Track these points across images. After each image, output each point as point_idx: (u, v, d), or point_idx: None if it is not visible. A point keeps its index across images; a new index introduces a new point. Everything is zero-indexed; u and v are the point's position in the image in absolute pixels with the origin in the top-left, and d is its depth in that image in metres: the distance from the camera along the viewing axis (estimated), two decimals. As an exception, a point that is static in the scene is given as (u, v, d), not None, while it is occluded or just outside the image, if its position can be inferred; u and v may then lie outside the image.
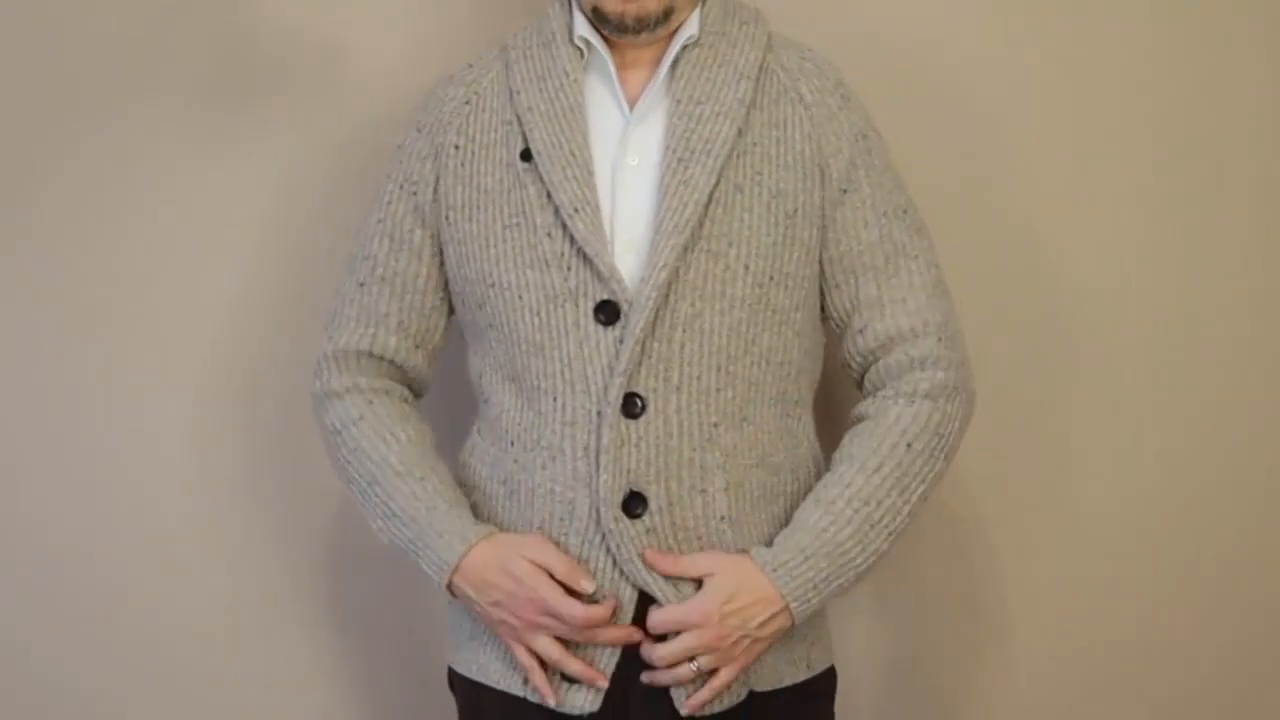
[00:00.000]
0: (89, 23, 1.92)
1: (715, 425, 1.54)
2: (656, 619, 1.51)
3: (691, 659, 1.52)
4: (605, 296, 1.52)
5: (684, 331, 1.53)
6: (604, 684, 1.53)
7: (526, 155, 1.58)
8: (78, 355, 1.97)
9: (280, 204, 1.96)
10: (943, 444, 1.56)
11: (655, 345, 1.52)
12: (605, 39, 1.59)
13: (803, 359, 1.60)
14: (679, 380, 1.53)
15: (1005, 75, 1.92)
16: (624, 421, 1.51)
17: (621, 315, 1.52)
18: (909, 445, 1.54)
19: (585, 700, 1.55)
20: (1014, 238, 1.95)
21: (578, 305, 1.53)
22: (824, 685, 1.66)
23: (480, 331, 1.63)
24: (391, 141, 1.75)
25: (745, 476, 1.55)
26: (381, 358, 1.65)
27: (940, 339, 1.57)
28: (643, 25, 1.55)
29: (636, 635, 1.53)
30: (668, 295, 1.52)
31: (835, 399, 1.80)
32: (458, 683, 1.68)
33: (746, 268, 1.54)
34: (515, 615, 1.53)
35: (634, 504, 1.52)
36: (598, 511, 1.52)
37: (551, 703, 1.54)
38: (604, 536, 1.52)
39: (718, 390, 1.54)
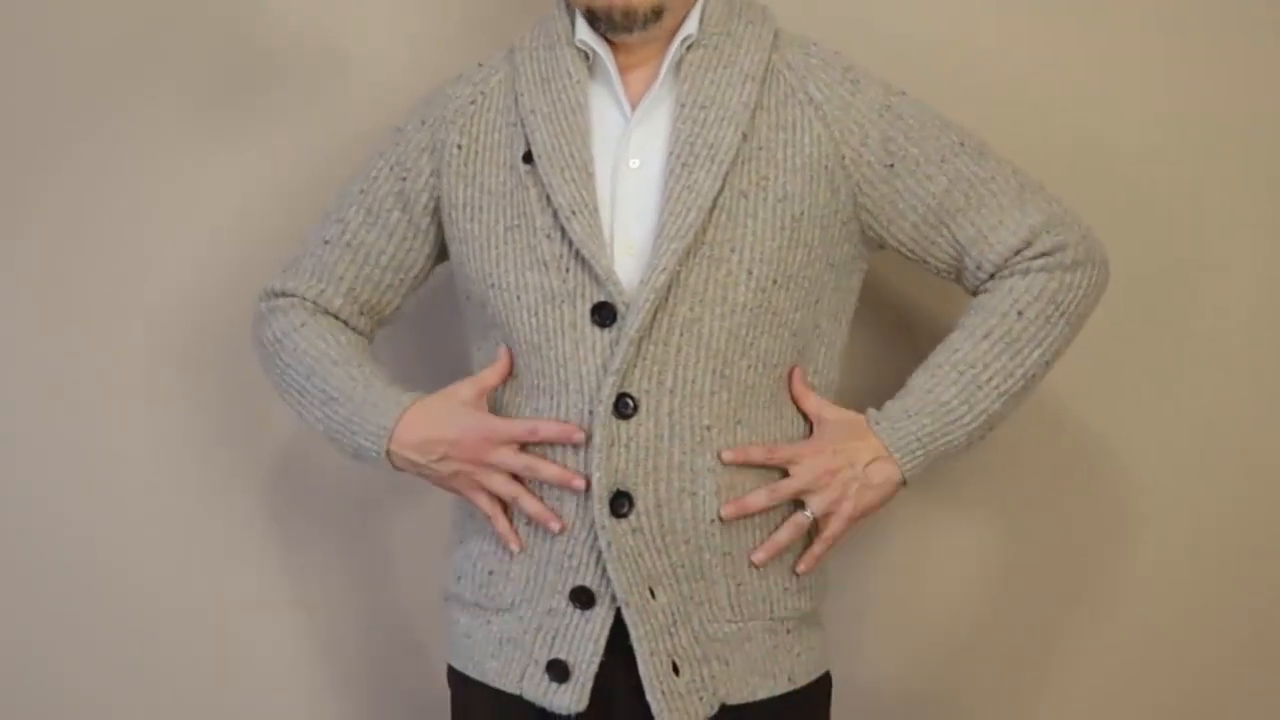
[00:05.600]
0: (89, 22, 1.93)
1: (708, 428, 1.53)
2: (773, 452, 1.55)
3: (803, 507, 1.56)
4: (602, 298, 1.52)
5: (681, 335, 1.52)
6: (557, 527, 1.53)
7: (528, 157, 1.58)
8: (76, 351, 1.97)
9: (280, 203, 1.96)
10: (1060, 310, 1.58)
11: (651, 348, 1.52)
12: (607, 41, 1.59)
13: (797, 359, 1.60)
14: (673, 383, 1.52)
15: (1016, 75, 1.92)
16: (615, 422, 1.51)
17: (618, 317, 1.52)
18: (1020, 313, 1.56)
19: (571, 700, 1.55)
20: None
21: (575, 306, 1.53)
22: (813, 695, 1.65)
23: (484, 330, 1.63)
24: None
25: (737, 479, 1.55)
26: (325, 312, 1.68)
27: (1048, 231, 1.59)
28: (631, 21, 1.54)
29: (577, 481, 1.52)
30: (666, 298, 1.52)
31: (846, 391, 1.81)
32: (453, 678, 1.69)
33: (749, 273, 1.54)
34: (466, 459, 1.57)
35: (620, 503, 1.52)
36: (585, 509, 1.53)
37: (515, 548, 1.57)
38: (590, 534, 1.53)
39: (712, 393, 1.53)
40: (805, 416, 1.61)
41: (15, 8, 1.93)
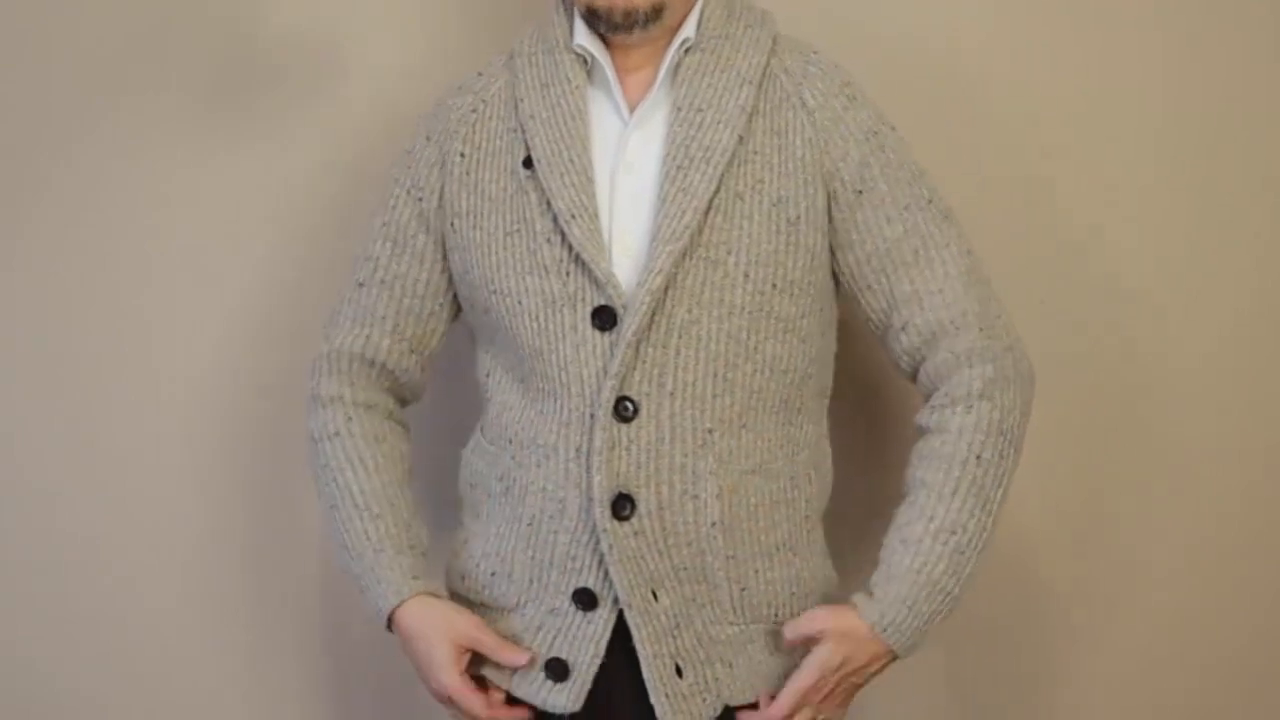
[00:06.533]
0: (90, 22, 1.93)
1: (710, 431, 1.53)
2: (779, 708, 1.54)
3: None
4: (602, 302, 1.52)
5: (680, 338, 1.52)
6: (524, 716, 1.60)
7: (528, 162, 1.57)
8: (76, 352, 1.97)
9: (280, 203, 1.96)
10: (1009, 439, 1.55)
11: (650, 350, 1.52)
12: (605, 42, 1.58)
13: (808, 366, 1.59)
14: (673, 386, 1.52)
15: (1015, 78, 1.92)
16: (615, 425, 1.52)
17: (618, 320, 1.52)
18: (978, 457, 1.53)
19: (568, 699, 1.56)
20: (1025, 239, 1.94)
21: (575, 310, 1.53)
22: None
23: (489, 335, 1.63)
24: (391, 141, 1.75)
25: (740, 483, 1.55)
26: (373, 361, 1.66)
27: (981, 329, 1.55)
28: (632, 20, 1.54)
29: None
30: (664, 301, 1.51)
31: (859, 402, 1.81)
32: None
33: (746, 275, 1.53)
34: (424, 682, 1.60)
35: (622, 506, 1.52)
36: (588, 512, 1.53)
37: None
38: (593, 537, 1.53)
39: (714, 396, 1.53)
40: (810, 430, 1.62)
41: (15, 8, 1.92)
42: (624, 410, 1.52)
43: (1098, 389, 1.96)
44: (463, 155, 1.62)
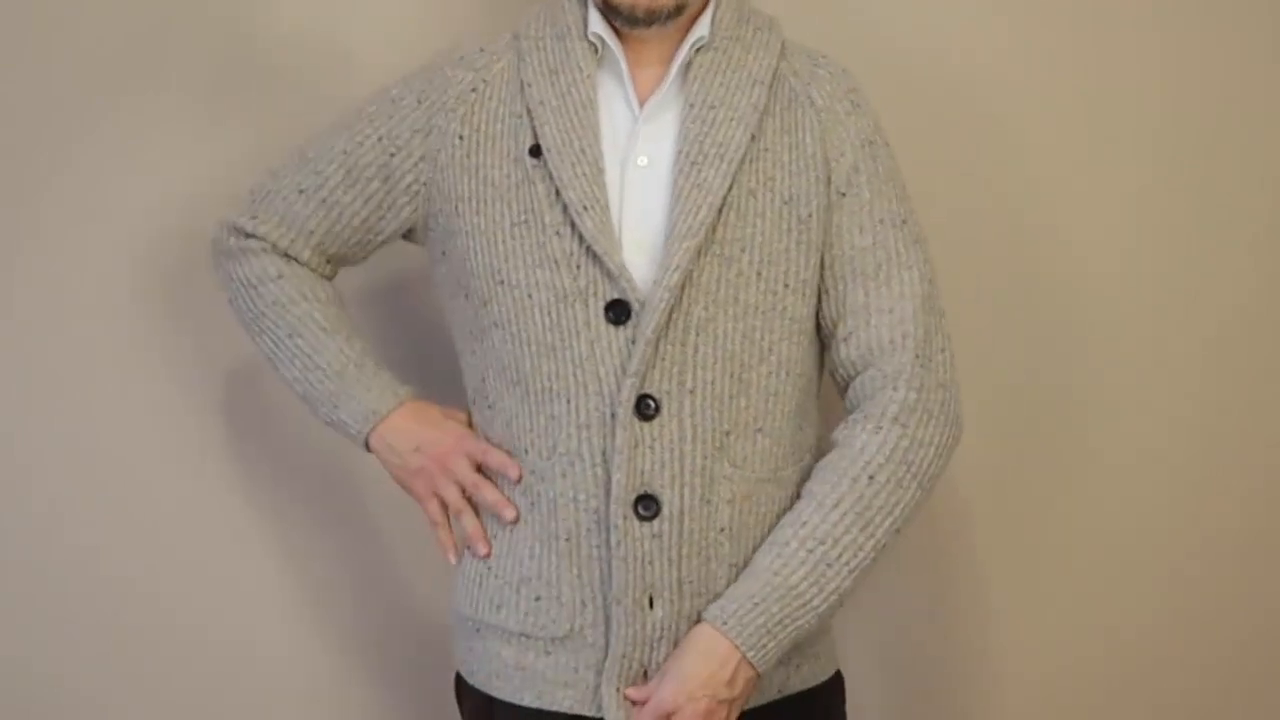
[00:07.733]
0: (90, 22, 1.92)
1: (727, 434, 1.52)
2: None
3: None
4: (616, 295, 1.51)
5: (697, 335, 1.51)
6: (484, 550, 1.59)
7: (536, 151, 1.56)
8: (75, 352, 1.95)
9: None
10: (912, 472, 1.50)
11: (668, 347, 1.50)
12: (618, 34, 1.57)
13: (814, 368, 1.59)
14: (692, 383, 1.51)
15: (1013, 81, 1.93)
16: (637, 423, 1.49)
17: (632, 315, 1.50)
18: (871, 477, 1.49)
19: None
20: (1019, 242, 1.95)
21: (588, 305, 1.52)
22: (826, 696, 1.63)
23: (482, 330, 1.59)
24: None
25: (755, 491, 1.53)
26: (288, 255, 1.67)
27: (917, 356, 1.52)
28: (654, 17, 1.53)
29: (508, 511, 1.56)
30: (681, 298, 1.50)
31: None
32: (466, 693, 1.65)
33: (759, 274, 1.53)
34: (435, 458, 1.62)
35: (645, 507, 1.50)
36: (609, 513, 1.50)
37: (452, 559, 1.64)
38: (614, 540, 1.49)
39: (731, 397, 1.52)
40: (810, 433, 1.60)
41: (15, 8, 1.92)
42: (646, 408, 1.49)
43: (1095, 388, 1.96)
44: (461, 138, 1.59)
